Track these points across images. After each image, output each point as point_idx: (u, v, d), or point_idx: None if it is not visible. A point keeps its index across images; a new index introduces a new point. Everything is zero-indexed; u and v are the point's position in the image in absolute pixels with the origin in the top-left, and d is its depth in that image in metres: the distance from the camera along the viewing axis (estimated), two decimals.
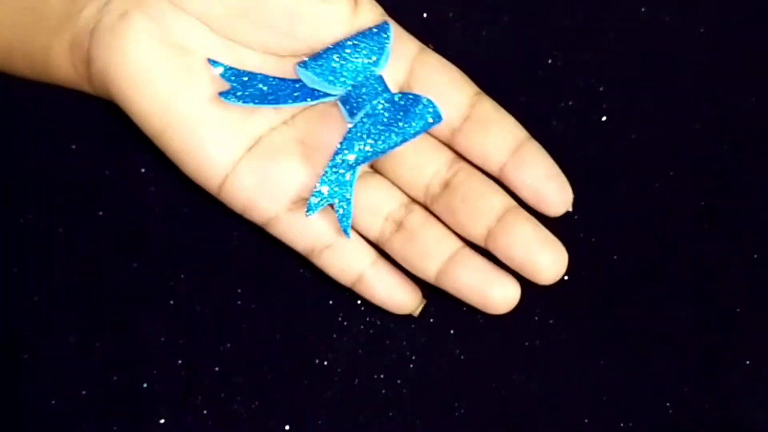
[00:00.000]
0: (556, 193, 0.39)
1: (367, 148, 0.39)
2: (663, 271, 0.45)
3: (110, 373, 0.45)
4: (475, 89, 0.41)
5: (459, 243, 0.41)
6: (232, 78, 0.40)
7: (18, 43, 0.42)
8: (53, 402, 0.45)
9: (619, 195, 0.46)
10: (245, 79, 0.40)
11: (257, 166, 0.41)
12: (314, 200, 0.39)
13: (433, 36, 0.46)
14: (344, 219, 0.40)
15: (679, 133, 0.46)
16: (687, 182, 0.45)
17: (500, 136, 0.40)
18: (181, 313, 0.45)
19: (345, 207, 0.39)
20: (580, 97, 0.46)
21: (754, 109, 0.46)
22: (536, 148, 0.40)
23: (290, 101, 0.40)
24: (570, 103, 0.46)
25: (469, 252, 0.40)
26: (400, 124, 0.39)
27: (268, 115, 0.41)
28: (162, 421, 0.44)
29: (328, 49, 0.39)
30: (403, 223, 0.41)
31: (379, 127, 0.39)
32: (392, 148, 0.39)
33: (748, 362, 0.45)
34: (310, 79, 0.39)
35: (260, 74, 0.40)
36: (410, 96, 0.39)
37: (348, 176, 0.39)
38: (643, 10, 0.46)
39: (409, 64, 0.41)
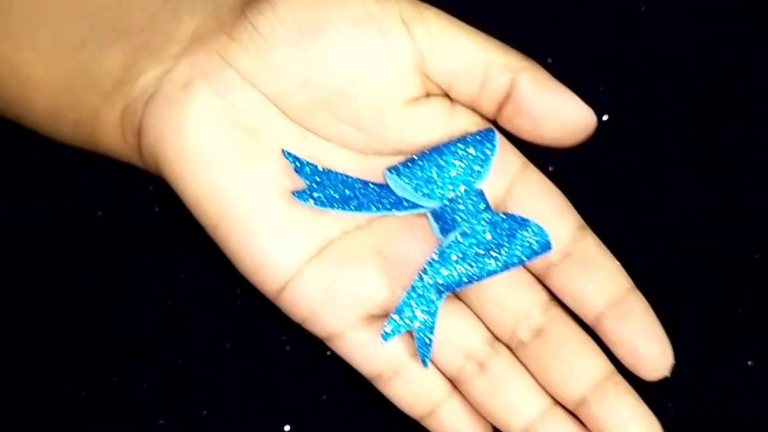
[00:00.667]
0: (657, 358, 0.36)
1: (460, 273, 0.35)
2: (664, 271, 0.45)
3: (110, 373, 0.45)
4: (579, 221, 0.37)
5: (548, 400, 0.37)
6: (309, 175, 0.35)
7: (66, 107, 0.38)
8: (52, 402, 0.45)
9: (621, 195, 0.45)
10: (324, 177, 0.35)
11: (325, 275, 0.36)
12: (392, 325, 0.35)
13: None
14: (424, 348, 0.35)
15: (680, 132, 0.46)
16: (689, 182, 0.45)
17: (602, 281, 0.36)
18: (181, 313, 0.45)
19: (427, 336, 0.35)
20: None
21: (756, 109, 0.46)
22: (640, 301, 0.37)
23: (374, 209, 0.35)
24: None
25: (559, 413, 0.37)
26: (502, 250, 0.35)
27: (341, 217, 0.36)
28: (162, 421, 0.44)
29: (423, 154, 0.35)
30: (487, 366, 0.37)
31: (476, 250, 0.35)
32: (489, 275, 0.35)
33: (750, 362, 0.44)
34: (400, 187, 0.35)
35: (340, 173, 0.36)
36: (516, 218, 0.35)
37: (434, 301, 0.35)
38: (643, 9, 0.46)
39: (509, 179, 0.37)
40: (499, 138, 0.36)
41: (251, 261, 0.36)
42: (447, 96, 0.36)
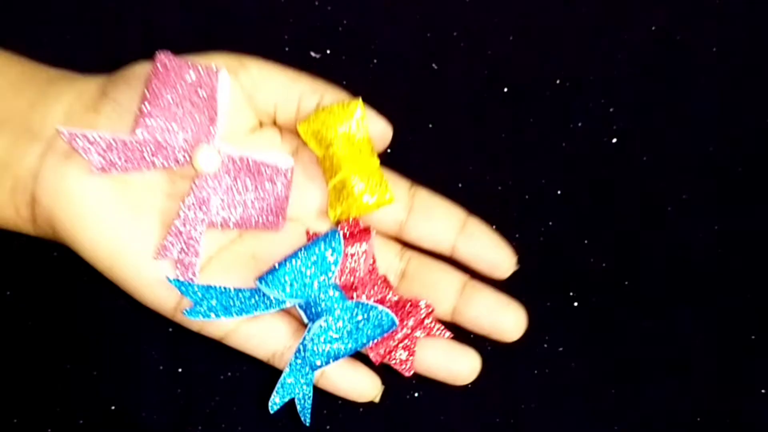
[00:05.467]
0: (505, 259, 0.42)
1: (328, 352, 0.41)
2: (676, 295, 0.44)
3: (108, 401, 0.44)
4: (410, 182, 0.43)
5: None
6: (194, 294, 0.41)
7: None
8: (50, 431, 0.44)
9: (630, 219, 0.45)
10: (206, 294, 0.41)
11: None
12: (278, 396, 0.41)
13: (437, 55, 0.45)
14: (305, 411, 0.41)
15: (691, 154, 0.45)
16: (700, 205, 0.45)
17: (444, 219, 0.42)
18: (180, 341, 0.44)
19: (307, 401, 0.41)
20: (590, 118, 0.45)
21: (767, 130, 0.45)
22: (478, 223, 0.42)
23: (252, 311, 0.41)
24: (579, 124, 0.45)
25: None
26: (359, 331, 0.41)
27: (216, 237, 0.42)
28: None
29: (283, 261, 0.41)
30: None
31: (339, 334, 0.41)
32: (351, 352, 0.41)
33: (763, 391, 0.44)
34: (270, 291, 0.40)
35: (220, 287, 0.41)
36: (366, 306, 0.41)
37: (309, 375, 0.41)
38: (653, 28, 0.45)
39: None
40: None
41: (145, 291, 0.41)
42: (275, 124, 0.43)
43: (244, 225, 0.42)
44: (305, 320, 0.41)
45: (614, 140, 0.45)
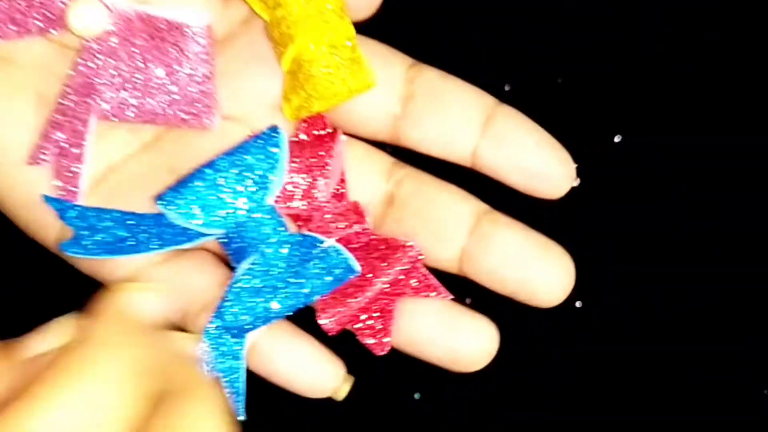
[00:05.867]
0: (556, 165, 0.29)
1: (257, 310, 0.28)
2: (678, 297, 0.44)
3: None
4: (409, 60, 0.31)
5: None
6: (75, 220, 0.29)
7: None
8: None
9: (630, 219, 0.45)
10: (93, 220, 0.29)
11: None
12: None
13: (435, 51, 0.45)
14: (237, 399, 0.30)
15: (692, 154, 0.45)
16: (700, 205, 0.44)
17: (460, 110, 0.29)
18: None
19: (237, 384, 0.30)
20: (591, 118, 0.45)
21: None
22: (512, 113, 0.30)
23: (155, 246, 0.29)
24: (579, 124, 0.45)
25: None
26: (299, 278, 0.28)
27: (121, 141, 0.30)
28: None
29: (194, 173, 0.28)
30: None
31: (272, 282, 0.28)
32: (292, 309, 0.29)
33: (765, 391, 0.44)
34: (174, 215, 0.28)
35: (113, 210, 0.29)
36: (313, 239, 0.29)
37: (235, 346, 0.29)
38: (654, 28, 0.45)
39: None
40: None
41: (21, 213, 0.31)
42: None
43: (151, 118, 0.30)
44: (234, 264, 0.29)
45: (614, 140, 0.45)
